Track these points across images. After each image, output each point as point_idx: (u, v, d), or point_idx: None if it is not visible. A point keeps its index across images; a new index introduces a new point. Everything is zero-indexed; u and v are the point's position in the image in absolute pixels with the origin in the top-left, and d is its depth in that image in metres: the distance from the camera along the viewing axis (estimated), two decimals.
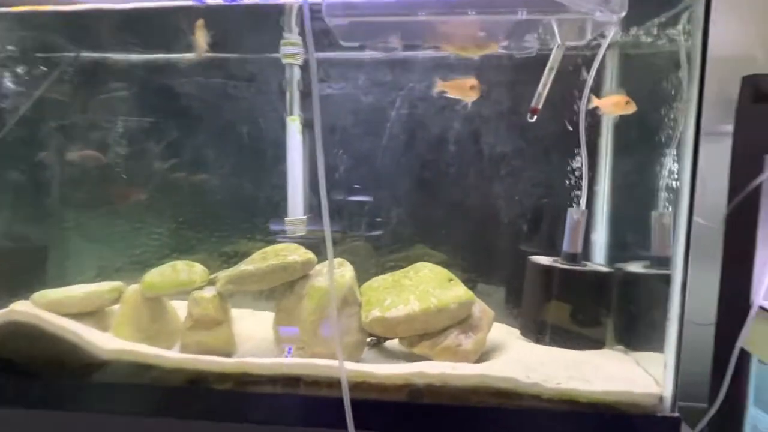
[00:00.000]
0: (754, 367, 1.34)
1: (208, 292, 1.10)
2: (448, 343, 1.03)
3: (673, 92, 1.01)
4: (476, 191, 1.30)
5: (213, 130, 1.35)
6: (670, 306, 0.89)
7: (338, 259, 1.16)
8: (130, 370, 0.99)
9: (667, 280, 1.04)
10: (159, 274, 1.13)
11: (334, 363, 0.93)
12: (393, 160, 1.32)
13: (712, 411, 1.26)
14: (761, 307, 1.22)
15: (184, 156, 1.37)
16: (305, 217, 1.31)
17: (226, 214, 1.36)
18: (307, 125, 1.29)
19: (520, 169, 1.27)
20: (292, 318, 1.08)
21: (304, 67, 1.25)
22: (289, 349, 1.11)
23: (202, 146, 1.36)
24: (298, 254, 1.10)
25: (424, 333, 1.05)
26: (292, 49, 1.22)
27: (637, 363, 1.01)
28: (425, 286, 1.09)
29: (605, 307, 1.10)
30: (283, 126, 1.26)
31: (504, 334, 1.18)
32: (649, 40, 1.09)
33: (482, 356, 1.04)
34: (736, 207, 1.20)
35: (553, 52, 1.03)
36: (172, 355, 1.00)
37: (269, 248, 1.13)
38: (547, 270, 1.12)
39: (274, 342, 1.10)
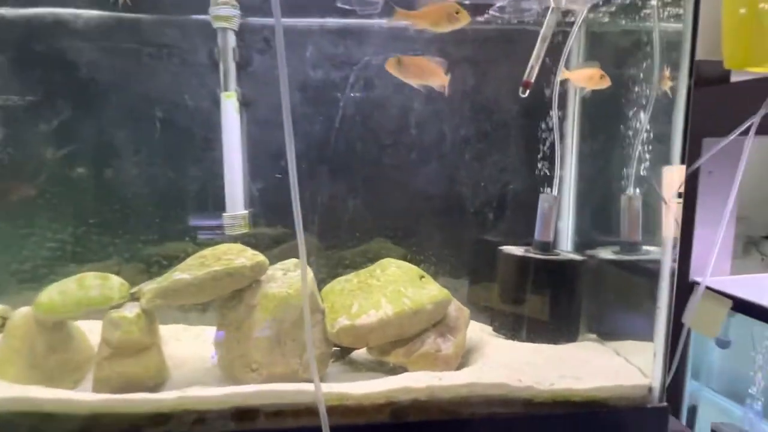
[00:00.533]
0: (692, 344, 1.41)
1: (130, 311, 0.87)
2: (426, 349, 0.92)
3: (643, 70, 0.98)
4: (438, 178, 1.20)
5: (125, 109, 1.10)
6: (659, 294, 0.85)
7: (293, 260, 1.00)
8: (21, 425, 0.74)
9: (640, 265, 1.02)
10: (59, 292, 0.88)
11: (303, 387, 0.78)
12: (347, 145, 1.17)
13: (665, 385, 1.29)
14: (708, 288, 1.27)
15: (87, 141, 1.09)
16: (246, 212, 1.12)
17: (148, 212, 1.11)
18: (246, 103, 1.09)
19: (485, 154, 1.19)
20: (240, 334, 0.90)
21: (240, 33, 1.05)
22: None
23: (111, 128, 1.10)
24: (246, 257, 0.91)
25: (398, 339, 0.93)
26: (225, 11, 1.01)
27: (616, 353, 0.98)
28: (395, 285, 0.97)
29: (580, 297, 1.06)
30: (216, 104, 1.06)
31: (476, 331, 1.10)
32: (619, 18, 1.05)
33: (462, 361, 0.95)
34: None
35: (547, 18, 0.94)
36: (81, 397, 0.78)
37: (208, 251, 0.93)
38: (522, 261, 1.05)
39: (219, 361, 0.91)
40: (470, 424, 0.79)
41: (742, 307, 1.19)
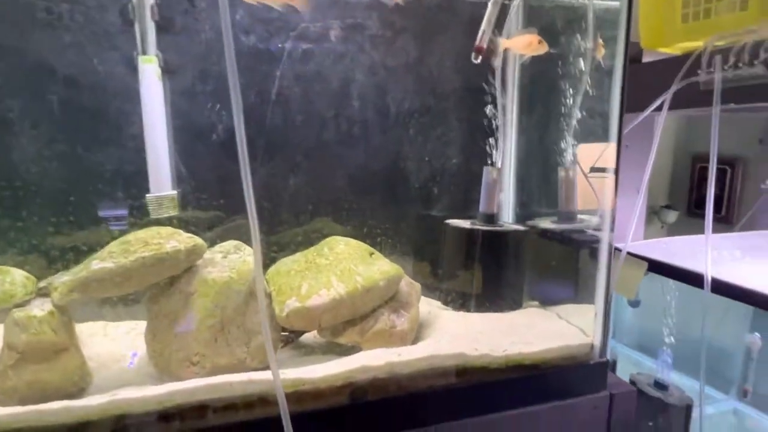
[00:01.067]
0: (613, 306, 1.54)
1: (40, 309, 0.75)
2: (380, 326, 0.89)
3: (578, 44, 1.01)
4: (382, 153, 1.17)
5: (18, 76, 0.93)
6: (599, 255, 0.90)
7: (232, 242, 0.92)
8: None
9: (575, 234, 1.08)
10: None
11: (254, 377, 0.72)
12: (284, 118, 1.10)
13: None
14: (628, 253, 1.38)
15: None
16: (174, 192, 1.01)
17: (58, 193, 0.96)
18: (169, 70, 0.97)
19: (429, 128, 1.18)
20: (177, 326, 0.81)
21: None
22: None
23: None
24: (179, 240, 0.82)
25: (351, 319, 0.89)
26: None
27: (558, 317, 1.03)
28: (345, 263, 0.93)
29: (523, 266, 1.09)
30: (133, 70, 0.93)
31: (427, 306, 1.09)
32: None
33: (416, 336, 0.94)
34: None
35: None
36: None
37: (132, 236, 0.82)
38: (469, 233, 1.06)
39: (152, 357, 0.82)
40: (430, 397, 0.79)
41: (655, 267, 1.31)
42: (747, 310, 1.43)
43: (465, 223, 1.10)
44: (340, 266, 0.92)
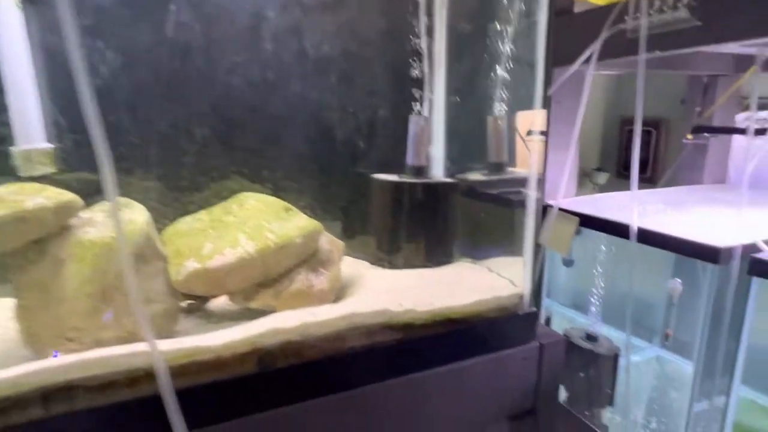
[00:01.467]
0: (546, 264, 1.55)
1: None
2: (296, 286, 0.81)
3: None
4: (301, 103, 1.06)
5: None
6: (527, 203, 0.86)
7: (123, 199, 0.79)
8: None
9: (505, 185, 1.03)
10: None
11: (137, 348, 0.61)
12: (186, 61, 0.96)
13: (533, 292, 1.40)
14: (560, 209, 1.38)
15: None
16: (50, 146, 0.86)
17: None
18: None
19: (352, 75, 1.08)
20: (49, 297, 0.68)
21: None
22: (55, 353, 0.72)
23: None
24: (46, 196, 0.68)
25: (263, 280, 0.80)
26: None
27: (489, 270, 0.99)
28: (256, 220, 0.83)
29: (453, 219, 1.04)
30: None
31: (353, 265, 1.02)
32: None
33: (338, 296, 0.86)
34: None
35: None
36: None
37: None
38: (395, 186, 0.99)
39: (25, 339, 0.69)
40: (351, 359, 0.72)
41: (586, 222, 1.31)
42: (670, 259, 1.49)
43: (391, 177, 1.02)
44: (250, 223, 0.82)
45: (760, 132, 1.27)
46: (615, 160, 2.47)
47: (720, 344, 1.10)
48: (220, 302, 0.86)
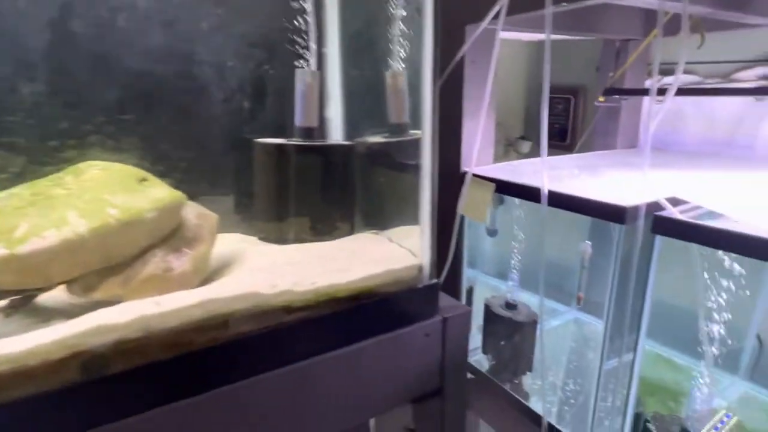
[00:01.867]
0: (469, 237, 1.50)
1: None
2: (150, 271, 0.67)
3: None
4: (167, 53, 0.89)
5: None
6: (421, 166, 0.76)
7: None
8: None
9: (406, 148, 0.94)
10: None
11: None
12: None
13: (443, 275, 1.34)
14: (474, 175, 1.32)
15: None
16: None
17: None
18: None
19: (228, 21, 0.92)
20: None
21: None
22: None
23: None
24: None
25: (108, 266, 0.65)
26: None
27: (390, 240, 0.90)
28: (95, 193, 0.67)
29: (350, 187, 0.93)
30: None
31: (239, 242, 0.89)
32: None
33: (208, 278, 0.73)
34: (443, 84, 1.23)
35: None
36: None
37: None
38: (280, 150, 0.86)
39: None
40: (210, 354, 0.60)
41: (503, 188, 1.27)
42: (586, 224, 1.49)
43: (278, 140, 0.89)
44: (86, 197, 0.66)
45: (661, 92, 1.27)
46: (538, 129, 2.48)
47: (627, 302, 1.10)
48: (60, 297, 0.70)
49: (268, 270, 0.71)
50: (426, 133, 0.75)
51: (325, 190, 0.88)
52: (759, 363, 1.37)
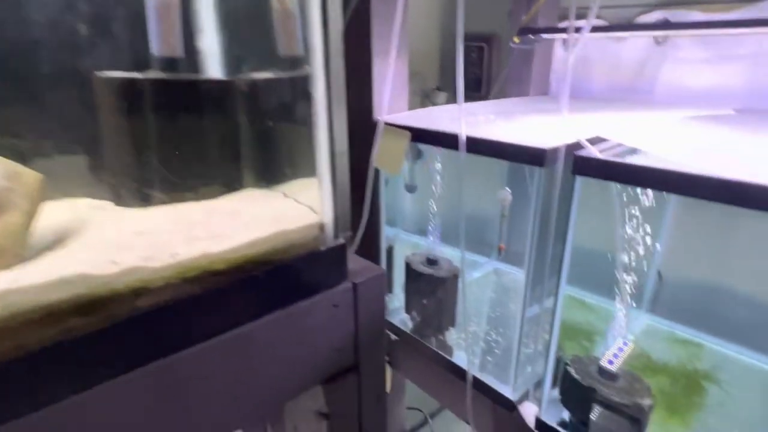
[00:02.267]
0: (387, 194, 1.39)
1: None
2: None
3: None
4: None
5: None
6: (315, 111, 0.61)
7: None
8: None
9: (298, 85, 0.77)
10: None
11: None
12: None
13: (359, 235, 1.23)
14: (386, 123, 1.20)
15: None
16: None
17: None
18: None
19: None
20: None
21: None
22: None
23: None
24: None
25: None
26: None
27: (285, 195, 0.74)
28: None
29: (233, 132, 0.75)
30: None
31: (88, 210, 0.68)
32: None
33: (32, 255, 0.53)
34: (349, 22, 1.08)
35: None
36: None
37: None
38: (129, 85, 0.66)
39: None
40: (16, 368, 0.42)
41: (419, 136, 1.16)
42: (503, 171, 1.44)
43: (128, 75, 0.68)
44: None
45: (577, 30, 1.22)
46: (454, 79, 2.40)
47: (548, 248, 1.07)
48: None
49: (113, 244, 0.53)
50: (317, 61, 0.59)
51: (196, 138, 0.69)
52: (659, 296, 1.44)
